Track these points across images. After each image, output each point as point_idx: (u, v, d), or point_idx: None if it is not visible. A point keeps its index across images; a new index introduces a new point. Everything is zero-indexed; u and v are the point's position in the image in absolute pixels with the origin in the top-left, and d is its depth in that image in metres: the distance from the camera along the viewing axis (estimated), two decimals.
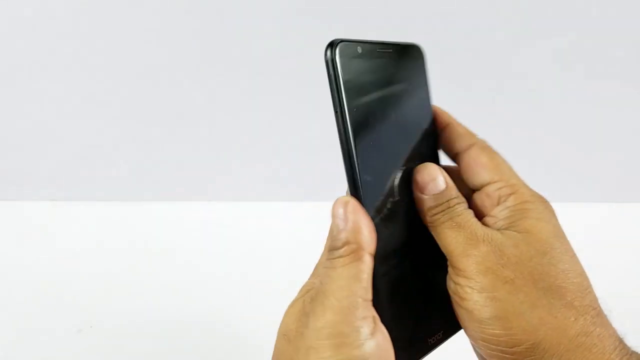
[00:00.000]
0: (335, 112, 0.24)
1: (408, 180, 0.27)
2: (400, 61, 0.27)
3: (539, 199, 0.27)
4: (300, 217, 0.68)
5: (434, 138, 0.29)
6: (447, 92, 0.63)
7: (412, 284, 0.27)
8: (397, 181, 0.26)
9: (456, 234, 0.25)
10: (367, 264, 0.24)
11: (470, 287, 0.24)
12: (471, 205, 0.27)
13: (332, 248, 0.25)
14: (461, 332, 0.27)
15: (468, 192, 0.28)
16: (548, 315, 0.23)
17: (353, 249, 0.24)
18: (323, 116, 0.67)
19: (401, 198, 0.26)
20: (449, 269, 0.26)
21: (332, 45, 0.24)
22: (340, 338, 0.22)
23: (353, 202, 0.25)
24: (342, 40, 0.24)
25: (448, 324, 0.27)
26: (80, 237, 0.70)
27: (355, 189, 0.25)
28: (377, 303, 0.24)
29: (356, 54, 0.25)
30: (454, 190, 0.27)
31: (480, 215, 0.27)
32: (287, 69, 0.63)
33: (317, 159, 0.69)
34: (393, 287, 0.26)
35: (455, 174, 0.28)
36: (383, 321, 0.24)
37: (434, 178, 0.26)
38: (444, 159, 0.29)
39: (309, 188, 0.69)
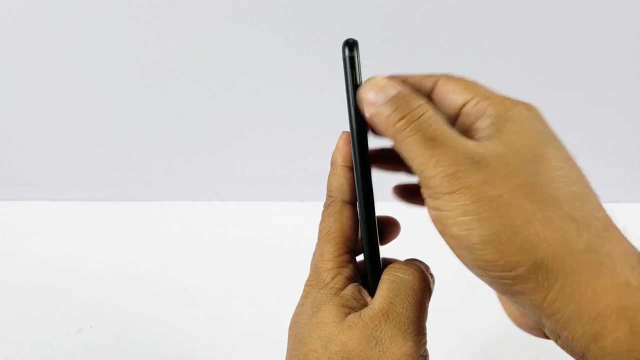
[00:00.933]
0: (350, 107, 0.25)
1: None
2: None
3: (521, 103, 0.24)
4: (300, 217, 0.68)
5: None
6: None
7: None
8: None
9: (430, 151, 0.21)
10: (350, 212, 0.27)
11: (452, 211, 0.21)
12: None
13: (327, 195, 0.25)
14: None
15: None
16: (545, 230, 0.20)
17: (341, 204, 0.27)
18: (323, 116, 0.67)
19: None
20: (424, 192, 0.22)
21: (353, 43, 0.24)
22: None
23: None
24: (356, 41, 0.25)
25: None
26: (80, 237, 0.70)
27: (366, 189, 0.25)
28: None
29: (358, 56, 0.25)
30: (408, 90, 0.23)
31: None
32: (287, 69, 0.63)
33: (317, 159, 0.69)
34: None
35: None
36: None
37: (382, 86, 0.23)
38: None
39: (309, 188, 0.69)
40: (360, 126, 0.25)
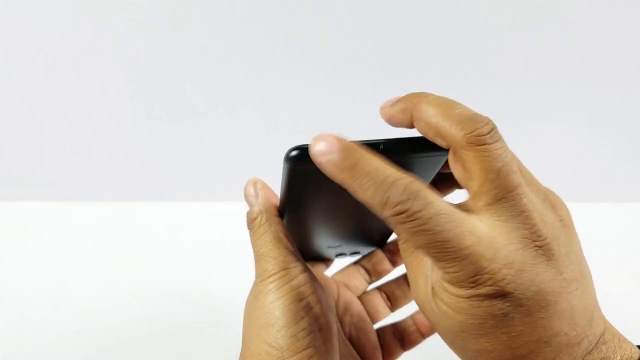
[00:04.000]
0: None
1: None
2: None
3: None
4: None
5: None
6: (442, 91, 0.63)
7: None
8: None
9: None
10: (280, 224, 0.28)
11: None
12: None
13: (250, 221, 0.29)
14: None
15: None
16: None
17: (267, 217, 0.28)
18: (323, 117, 0.67)
19: None
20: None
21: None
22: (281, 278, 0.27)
23: (260, 182, 0.30)
24: None
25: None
26: (80, 237, 0.70)
27: None
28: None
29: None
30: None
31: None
32: (287, 69, 0.63)
33: None
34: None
35: None
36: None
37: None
38: None
39: None
40: None
